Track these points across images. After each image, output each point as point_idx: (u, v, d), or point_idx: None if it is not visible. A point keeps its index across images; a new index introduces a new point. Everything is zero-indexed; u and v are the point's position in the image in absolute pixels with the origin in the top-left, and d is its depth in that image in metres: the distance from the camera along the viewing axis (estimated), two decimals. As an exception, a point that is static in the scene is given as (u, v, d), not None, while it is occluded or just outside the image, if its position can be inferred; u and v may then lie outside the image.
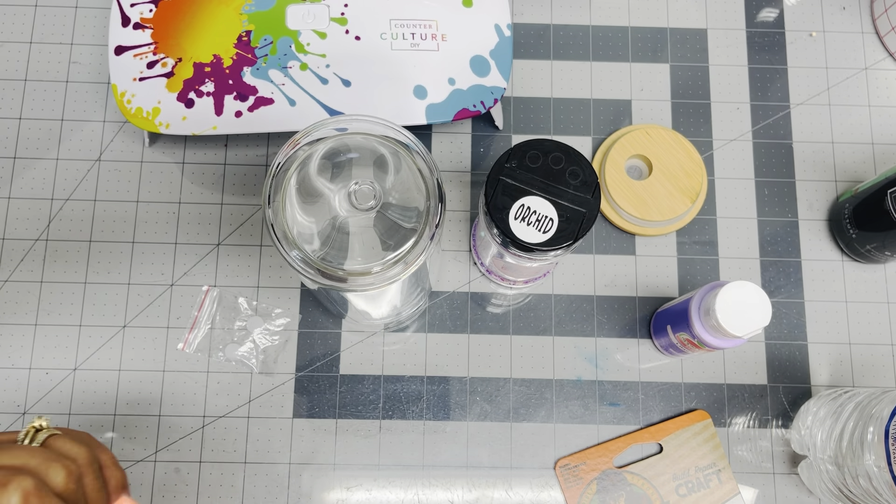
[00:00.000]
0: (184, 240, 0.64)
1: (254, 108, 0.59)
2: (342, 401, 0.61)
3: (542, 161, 0.50)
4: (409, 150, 0.46)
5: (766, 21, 0.69)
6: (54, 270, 0.63)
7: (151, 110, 0.59)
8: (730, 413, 0.61)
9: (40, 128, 0.65)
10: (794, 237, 0.65)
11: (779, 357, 0.62)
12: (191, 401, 0.61)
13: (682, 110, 0.67)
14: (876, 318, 0.63)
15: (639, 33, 0.69)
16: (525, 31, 0.69)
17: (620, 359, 0.62)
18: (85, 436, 0.46)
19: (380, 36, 0.61)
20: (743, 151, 0.66)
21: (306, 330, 0.62)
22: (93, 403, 0.60)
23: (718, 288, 0.51)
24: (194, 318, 0.62)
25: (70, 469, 0.41)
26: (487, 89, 0.61)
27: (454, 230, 0.64)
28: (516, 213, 0.49)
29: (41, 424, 0.44)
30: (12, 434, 0.44)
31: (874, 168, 0.66)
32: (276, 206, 0.44)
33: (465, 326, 0.62)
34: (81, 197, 0.64)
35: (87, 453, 0.43)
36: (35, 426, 0.44)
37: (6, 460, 0.40)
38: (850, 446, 0.52)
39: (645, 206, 0.63)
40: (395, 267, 0.44)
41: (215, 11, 0.61)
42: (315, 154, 0.46)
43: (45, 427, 0.44)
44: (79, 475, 0.42)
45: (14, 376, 0.61)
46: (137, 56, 0.60)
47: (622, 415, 0.61)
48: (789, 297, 0.64)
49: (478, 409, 0.61)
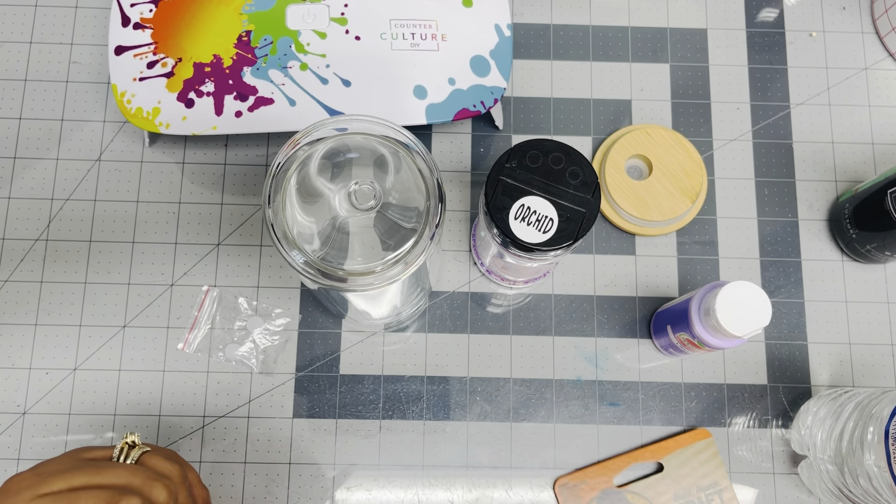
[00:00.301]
0: (184, 240, 0.64)
1: (254, 108, 0.59)
2: (342, 401, 0.61)
3: (542, 161, 0.50)
4: (409, 150, 0.46)
5: (766, 21, 0.69)
6: (54, 270, 0.63)
7: (151, 110, 0.59)
8: (730, 413, 0.61)
9: (40, 128, 0.65)
10: (794, 237, 0.65)
11: (779, 357, 0.62)
12: (191, 401, 0.61)
13: (682, 110, 0.67)
14: (876, 318, 0.63)
15: (639, 33, 0.69)
16: (525, 31, 0.69)
17: (620, 359, 0.62)
18: (172, 453, 0.47)
19: (380, 36, 0.61)
20: (743, 151, 0.66)
21: (306, 330, 0.62)
22: (93, 403, 0.60)
23: (718, 288, 0.51)
24: (194, 318, 0.62)
25: (169, 488, 0.42)
26: (487, 89, 0.61)
27: (454, 230, 0.64)
28: (516, 213, 0.49)
29: (133, 441, 0.45)
30: (107, 450, 0.45)
31: (874, 168, 0.66)
32: (276, 206, 0.44)
33: (465, 326, 0.62)
34: (81, 197, 0.64)
35: (179, 471, 0.45)
36: (128, 442, 0.45)
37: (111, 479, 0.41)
38: (850, 446, 0.52)
39: (645, 206, 0.63)
40: (395, 267, 0.44)
41: (215, 11, 0.61)
42: (315, 154, 0.46)
43: (137, 444, 0.45)
44: (175, 493, 0.43)
45: (14, 376, 0.61)
46: (137, 56, 0.60)
47: (622, 415, 0.61)
48: (789, 297, 0.64)
49: (478, 409, 0.61)
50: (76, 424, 0.60)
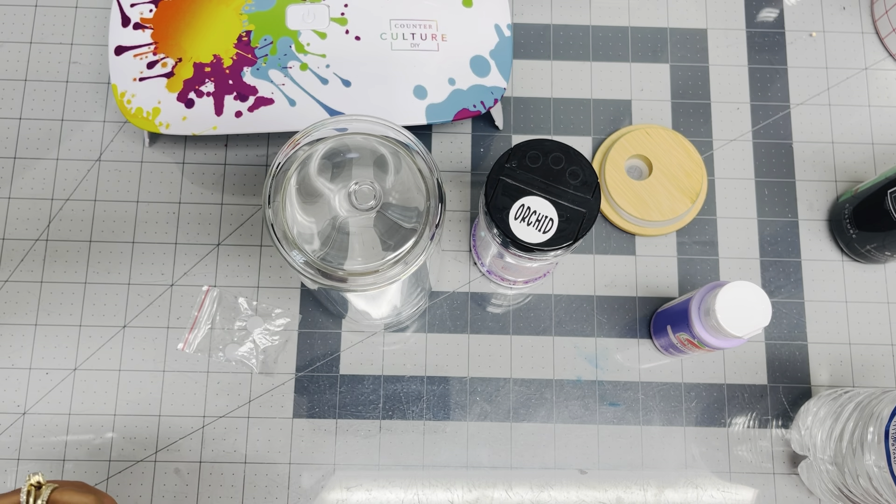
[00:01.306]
0: (184, 240, 0.64)
1: (254, 108, 0.59)
2: (342, 401, 0.61)
3: (542, 161, 0.50)
4: (409, 150, 0.46)
5: (766, 21, 0.69)
6: (54, 270, 0.63)
7: (151, 110, 0.59)
8: (730, 413, 0.61)
9: (40, 128, 0.65)
10: (794, 237, 0.65)
11: (779, 357, 0.62)
12: (191, 401, 0.61)
13: (682, 110, 0.67)
14: (876, 318, 0.63)
15: (639, 33, 0.69)
16: (525, 31, 0.69)
17: (620, 359, 0.62)
18: (83, 485, 0.46)
19: (380, 36, 0.61)
20: (743, 151, 0.66)
21: (306, 330, 0.62)
22: (93, 403, 0.60)
23: (718, 288, 0.51)
24: (194, 318, 0.62)
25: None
26: (487, 89, 0.61)
27: (454, 230, 0.64)
28: (516, 213, 0.49)
29: (38, 481, 0.44)
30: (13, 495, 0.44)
31: (874, 168, 0.66)
32: (276, 206, 0.44)
33: (465, 326, 0.62)
34: (81, 197, 0.64)
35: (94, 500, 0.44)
36: (33, 483, 0.44)
37: None
38: (850, 446, 0.52)
39: (645, 206, 0.63)
40: (395, 267, 0.44)
41: (215, 11, 0.61)
42: (315, 154, 0.46)
43: (43, 483, 0.44)
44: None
45: (14, 376, 0.61)
46: (137, 56, 0.60)
47: (622, 415, 0.61)
48: (789, 297, 0.64)
49: (478, 409, 0.61)
50: (76, 424, 0.60)
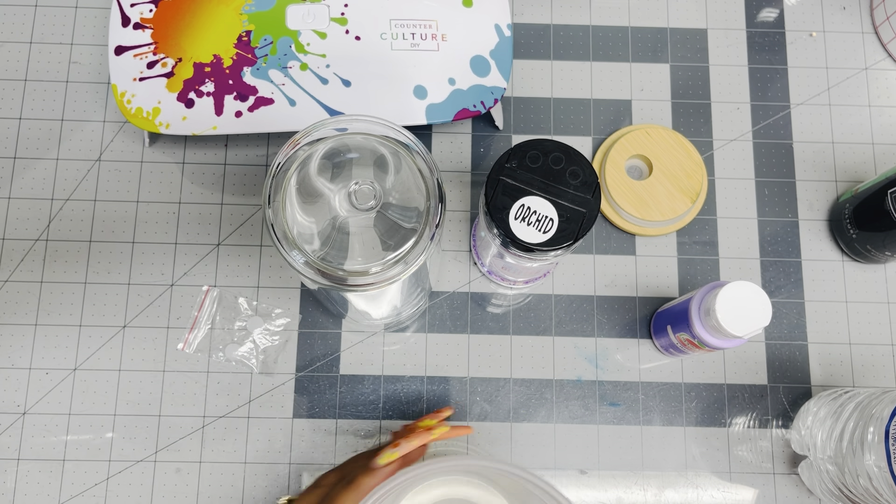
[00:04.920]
0: (184, 240, 0.64)
1: (254, 108, 0.59)
2: (342, 401, 0.61)
3: (542, 161, 0.50)
4: (409, 150, 0.46)
5: (766, 21, 0.69)
6: (54, 270, 0.63)
7: (151, 110, 0.59)
8: (730, 413, 0.61)
9: (40, 128, 0.65)
10: (794, 237, 0.65)
11: (779, 357, 0.62)
12: (191, 401, 0.61)
13: (682, 110, 0.67)
14: (876, 318, 0.63)
15: (639, 33, 0.69)
16: (525, 31, 0.69)
17: (620, 359, 0.62)
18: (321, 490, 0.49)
19: (380, 36, 0.61)
20: (743, 151, 0.66)
21: (306, 330, 0.62)
22: (93, 403, 0.60)
23: (718, 288, 0.51)
24: (194, 318, 0.62)
25: None
26: (487, 89, 0.61)
27: (454, 230, 0.64)
28: (516, 213, 0.49)
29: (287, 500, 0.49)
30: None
31: (874, 168, 0.66)
32: (276, 206, 0.44)
33: (465, 326, 0.62)
34: (81, 197, 0.64)
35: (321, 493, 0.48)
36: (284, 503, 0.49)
37: None
38: (850, 446, 0.52)
39: (645, 206, 0.63)
40: (395, 267, 0.44)
41: (215, 11, 0.61)
42: (315, 154, 0.46)
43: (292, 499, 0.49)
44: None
45: (14, 376, 0.61)
46: (137, 56, 0.60)
47: (622, 415, 0.61)
48: (789, 297, 0.64)
49: (478, 409, 0.61)
50: (76, 424, 0.60)
